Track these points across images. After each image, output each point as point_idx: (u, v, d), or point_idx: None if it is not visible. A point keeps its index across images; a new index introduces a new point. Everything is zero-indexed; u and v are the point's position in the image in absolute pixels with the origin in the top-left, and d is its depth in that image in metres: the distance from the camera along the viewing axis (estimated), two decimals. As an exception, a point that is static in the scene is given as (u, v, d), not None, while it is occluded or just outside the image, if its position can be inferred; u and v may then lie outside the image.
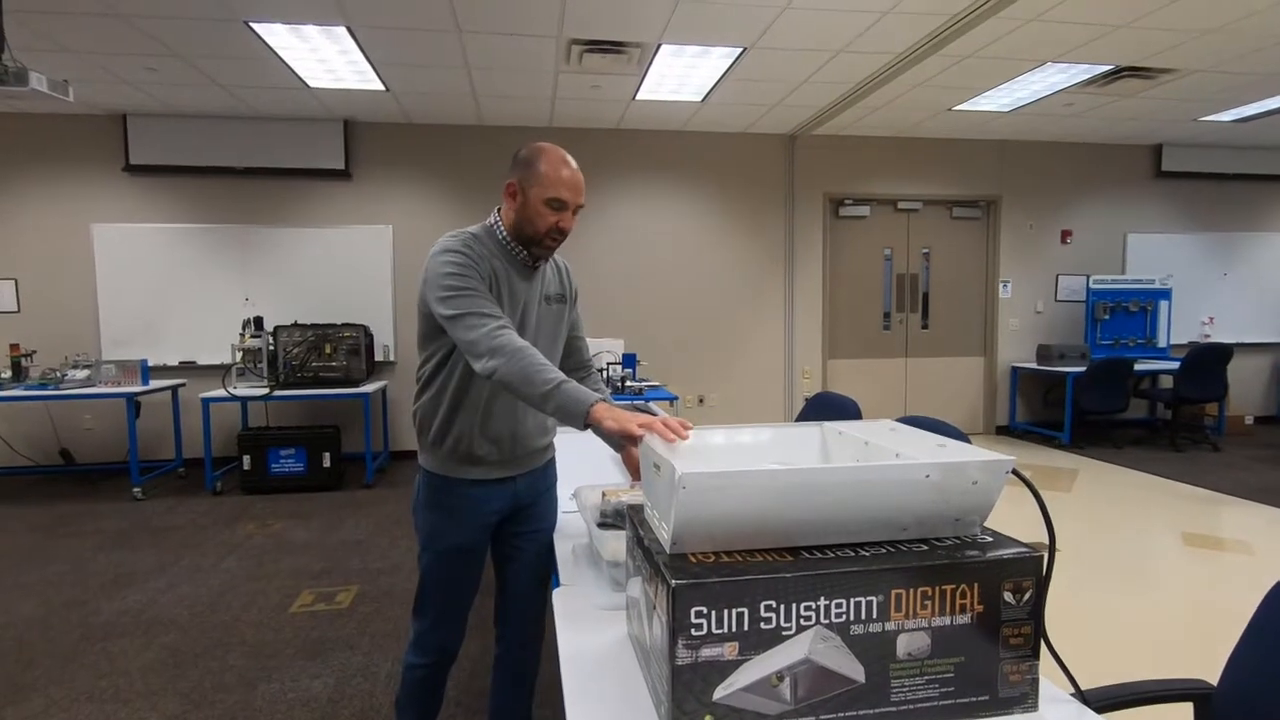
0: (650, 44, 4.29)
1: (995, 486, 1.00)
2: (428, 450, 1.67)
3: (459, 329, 1.48)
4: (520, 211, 1.59)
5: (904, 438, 1.14)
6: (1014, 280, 6.94)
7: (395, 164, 5.99)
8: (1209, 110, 5.83)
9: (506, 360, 1.41)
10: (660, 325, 6.35)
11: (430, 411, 1.65)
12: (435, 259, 1.56)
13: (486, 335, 1.44)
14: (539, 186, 1.56)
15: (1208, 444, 6.29)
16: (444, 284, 1.51)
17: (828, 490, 0.96)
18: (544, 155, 1.57)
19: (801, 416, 2.90)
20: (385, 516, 4.49)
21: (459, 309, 1.49)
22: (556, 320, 1.77)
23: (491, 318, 1.48)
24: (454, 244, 1.57)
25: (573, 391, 1.38)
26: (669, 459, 0.96)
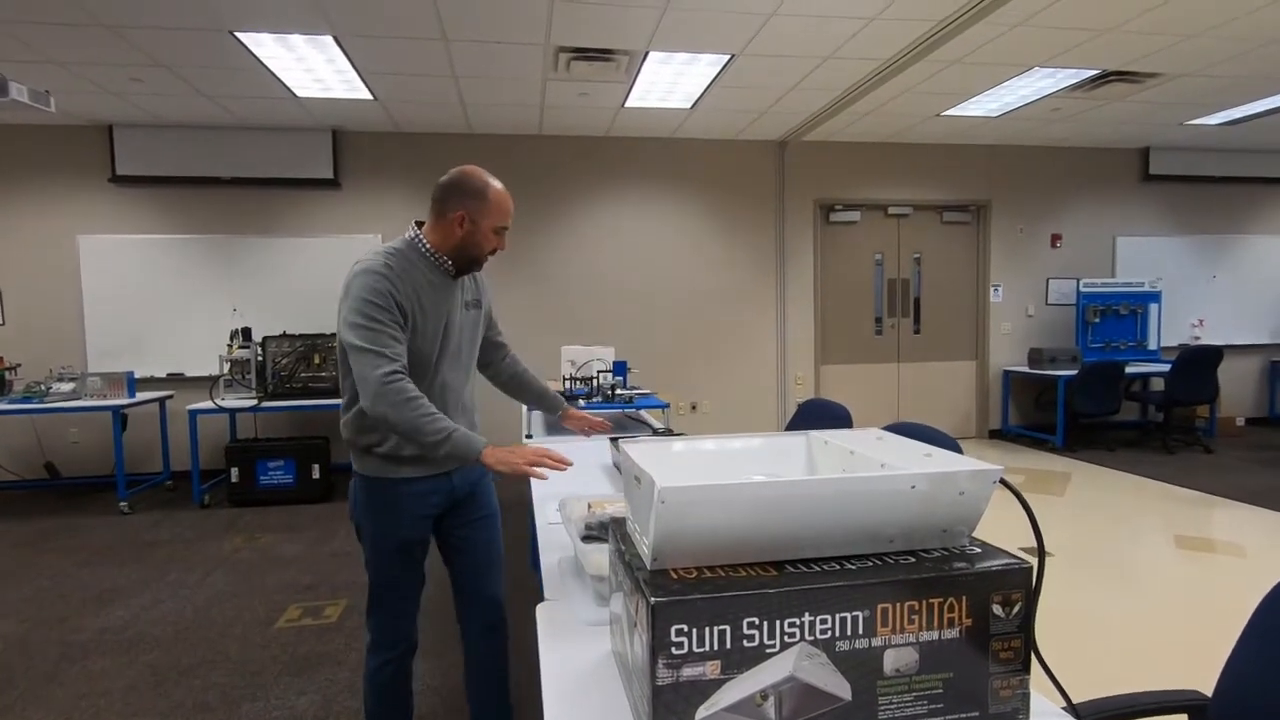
0: (638, 51, 4.28)
1: (983, 496, 0.98)
2: (361, 458, 1.74)
3: (359, 361, 1.57)
4: (469, 238, 1.71)
5: (890, 447, 1.12)
6: (1005, 284, 6.96)
7: (384, 173, 5.97)
8: (1196, 114, 5.86)
9: (395, 410, 1.54)
10: (652, 333, 6.33)
11: (361, 422, 1.68)
12: (356, 280, 1.62)
13: (381, 378, 1.55)
14: (490, 217, 1.72)
15: (1200, 446, 6.30)
16: (358, 309, 1.58)
17: (812, 503, 0.94)
18: (490, 187, 1.72)
19: (792, 423, 2.88)
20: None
21: (364, 341, 1.57)
22: (475, 325, 1.89)
23: (389, 360, 1.57)
24: (376, 264, 1.63)
25: (461, 441, 1.57)
26: (648, 472, 0.94)
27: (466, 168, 1.73)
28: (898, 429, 2.20)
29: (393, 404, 1.54)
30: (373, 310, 1.58)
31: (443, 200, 1.71)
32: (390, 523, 1.74)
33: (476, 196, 1.69)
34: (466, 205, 1.69)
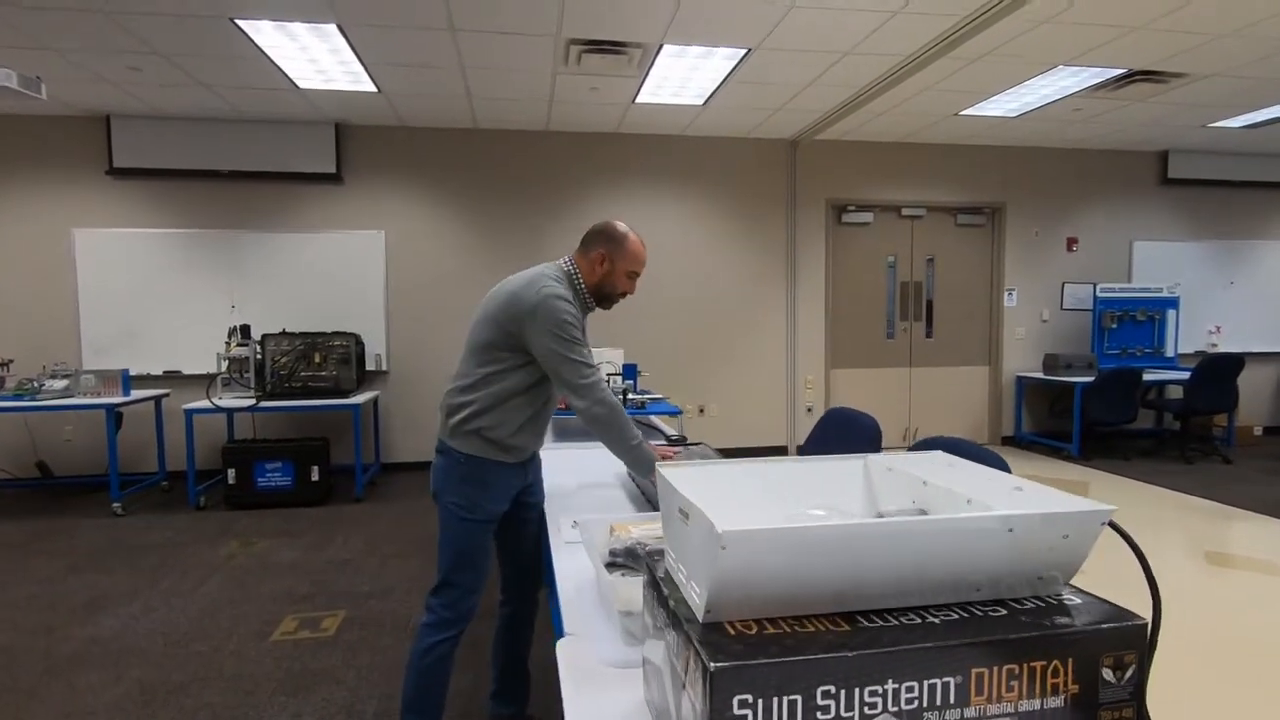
0: (652, 45, 4.15)
1: (1089, 540, 0.85)
2: (467, 437, 1.90)
3: (571, 371, 1.83)
4: (606, 277, 1.97)
5: (966, 475, 0.99)
6: (1019, 288, 6.82)
7: (388, 168, 5.83)
8: (1218, 116, 5.73)
9: (609, 411, 1.85)
10: (659, 334, 6.20)
11: (482, 407, 1.89)
12: (552, 302, 1.83)
13: (596, 385, 1.85)
14: (625, 261, 1.97)
15: (1218, 456, 6.16)
16: (564, 329, 1.82)
17: (896, 547, 0.80)
18: (629, 238, 1.98)
19: (815, 433, 2.74)
20: (376, 534, 4.31)
21: (576, 355, 1.84)
22: None
23: (595, 369, 1.86)
24: (564, 291, 1.87)
25: (647, 451, 1.89)
26: (702, 510, 0.81)
27: (610, 220, 2.03)
28: (935, 444, 2.07)
29: (610, 407, 1.83)
30: (575, 331, 1.84)
31: (589, 242, 1.97)
32: (485, 497, 1.92)
33: (616, 241, 1.95)
34: (606, 247, 1.94)
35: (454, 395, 1.93)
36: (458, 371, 1.95)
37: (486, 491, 1.92)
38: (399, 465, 5.92)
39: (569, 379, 1.83)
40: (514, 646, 2.20)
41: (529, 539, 2.11)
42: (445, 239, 5.92)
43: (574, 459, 2.64)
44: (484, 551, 1.96)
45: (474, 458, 1.90)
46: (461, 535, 1.92)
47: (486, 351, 1.89)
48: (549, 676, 2.51)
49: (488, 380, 1.89)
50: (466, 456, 1.90)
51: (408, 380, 5.90)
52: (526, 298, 1.83)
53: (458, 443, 1.90)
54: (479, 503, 1.91)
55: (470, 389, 1.90)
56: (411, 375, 5.90)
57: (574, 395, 1.84)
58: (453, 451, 1.91)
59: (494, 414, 1.88)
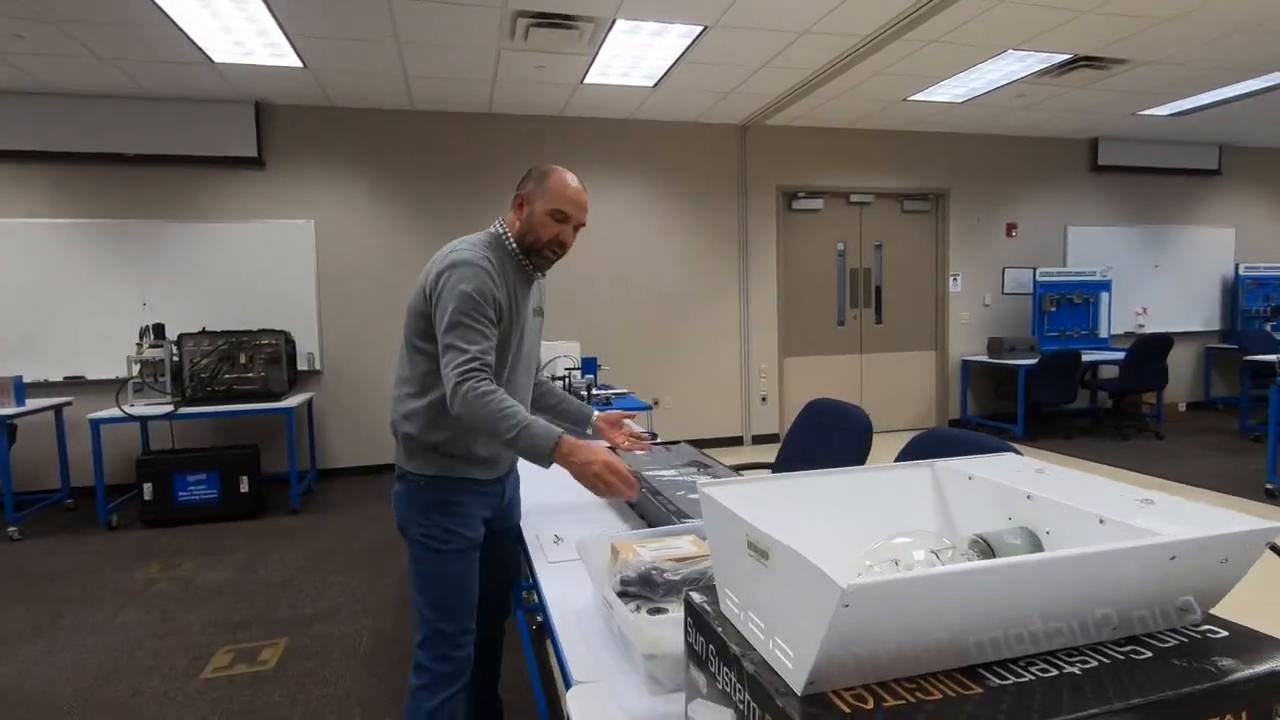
0: (605, 18, 3.92)
1: (1246, 564, 0.71)
2: (425, 455, 1.63)
3: (448, 356, 1.52)
4: (526, 221, 1.65)
5: (1073, 486, 0.83)
6: (963, 273, 6.93)
7: (316, 151, 5.41)
8: (1149, 104, 5.91)
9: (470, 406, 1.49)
10: (610, 324, 5.99)
11: (434, 415, 1.60)
12: (456, 271, 1.55)
13: (463, 373, 1.50)
14: (545, 199, 1.63)
15: (1150, 432, 6.42)
16: (462, 302, 1.53)
17: (1040, 589, 0.64)
18: (554, 172, 1.66)
19: (797, 425, 2.61)
20: (316, 548, 3.97)
21: (459, 337, 1.52)
22: (538, 333, 1.84)
23: (475, 357, 1.51)
24: (475, 256, 1.58)
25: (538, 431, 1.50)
26: (799, 552, 0.62)
27: (543, 164, 1.71)
28: (937, 436, 1.96)
29: (469, 400, 1.48)
30: (470, 306, 1.53)
31: (518, 189, 1.69)
32: (459, 523, 1.64)
33: (537, 179, 1.65)
34: (527, 186, 1.66)
35: (399, 405, 1.64)
36: (398, 374, 1.66)
37: (460, 516, 1.63)
38: (337, 471, 5.54)
39: (444, 366, 1.51)
40: (485, 678, 1.96)
41: (504, 566, 1.86)
42: (381, 228, 5.54)
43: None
44: (469, 584, 1.65)
45: (437, 479, 1.62)
46: (440, 573, 1.62)
47: (423, 342, 1.60)
48: (522, 700, 2.30)
49: (433, 379, 1.58)
50: (428, 479, 1.62)
51: (344, 380, 5.52)
52: (434, 268, 1.57)
53: (416, 464, 1.62)
54: (453, 530, 1.62)
55: (415, 395, 1.61)
56: (348, 374, 5.51)
57: (447, 389, 1.50)
58: (411, 476, 1.63)
59: (450, 421, 1.57)
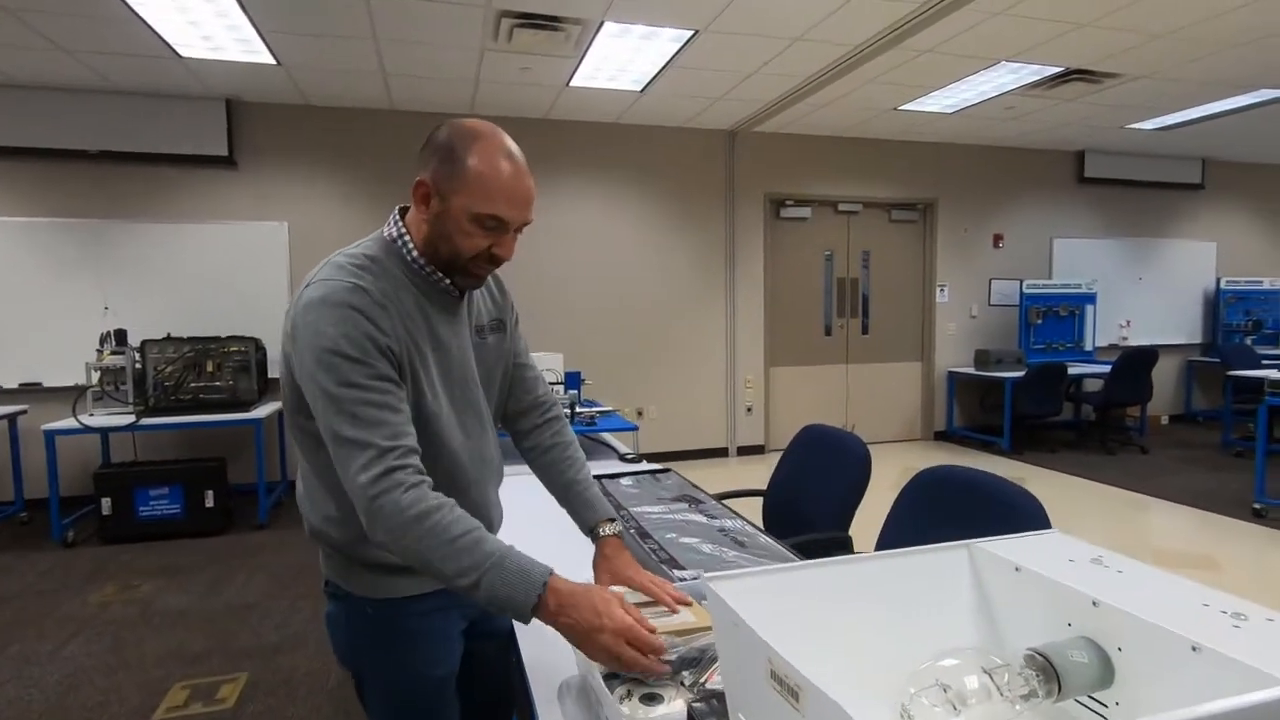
0: (592, 21, 3.79)
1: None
2: (367, 572, 1.14)
3: (336, 456, 1.00)
4: (436, 224, 1.08)
5: (1140, 585, 0.72)
6: (950, 284, 6.88)
7: (290, 151, 5.21)
8: (1136, 118, 5.90)
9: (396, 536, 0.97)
10: (593, 333, 5.86)
11: (346, 515, 1.07)
12: (309, 313, 1.01)
13: (370, 485, 0.96)
14: (466, 193, 1.05)
15: (1135, 446, 6.41)
16: (324, 369, 0.98)
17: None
18: (476, 145, 1.05)
19: (789, 453, 2.50)
20: (284, 567, 3.80)
21: (342, 424, 0.98)
22: (495, 356, 1.29)
23: (381, 451, 0.98)
24: (339, 286, 1.02)
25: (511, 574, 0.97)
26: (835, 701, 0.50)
27: (456, 120, 1.10)
28: (944, 475, 1.85)
29: (389, 528, 0.97)
30: (342, 370, 0.98)
31: (417, 164, 1.09)
32: (428, 658, 1.18)
33: (447, 156, 1.05)
34: (433, 166, 1.06)
35: (312, 505, 1.15)
36: (301, 460, 1.16)
37: (421, 650, 1.18)
38: (309, 482, 5.35)
39: (338, 466, 0.99)
40: None
41: (490, 683, 1.38)
42: (357, 231, 5.25)
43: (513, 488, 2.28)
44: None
45: (389, 603, 1.15)
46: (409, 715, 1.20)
47: (296, 415, 1.09)
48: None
49: (320, 467, 1.08)
50: (377, 604, 1.15)
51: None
52: (289, 313, 1.06)
53: (357, 584, 1.15)
54: (423, 673, 1.18)
55: (329, 493, 1.10)
56: (322, 382, 5.31)
57: (353, 502, 0.99)
58: (347, 596, 1.16)
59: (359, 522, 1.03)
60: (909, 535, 1.73)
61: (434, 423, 1.12)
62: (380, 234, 1.16)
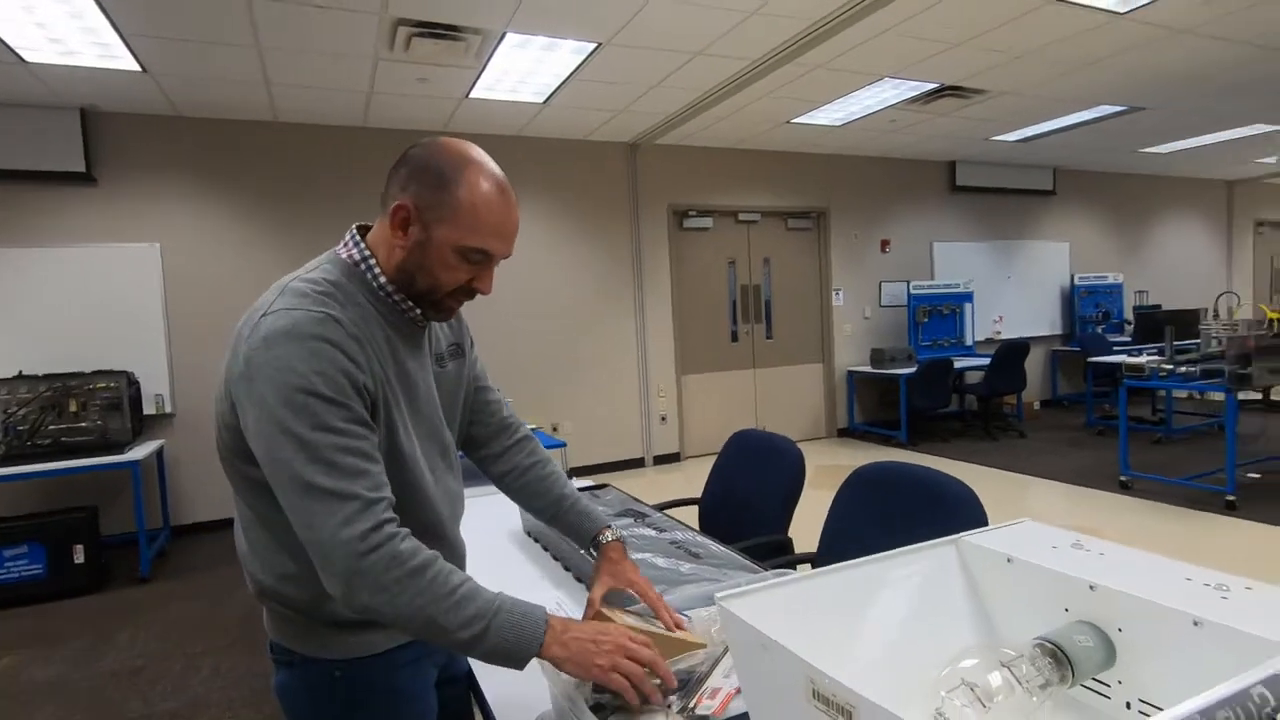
0: (494, 31, 3.71)
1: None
2: (320, 629, 1.02)
3: (307, 510, 0.87)
4: (415, 254, 0.99)
5: (1126, 567, 0.75)
6: (845, 288, 7.23)
7: (160, 167, 4.78)
8: (1000, 130, 6.44)
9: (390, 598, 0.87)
10: (504, 350, 5.72)
11: (302, 572, 0.97)
12: (279, 348, 0.89)
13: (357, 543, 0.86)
14: (452, 224, 0.97)
15: (1014, 431, 6.96)
16: (294, 411, 0.87)
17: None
18: (467, 172, 0.97)
19: (723, 458, 2.51)
20: (176, 623, 3.44)
21: (316, 474, 0.87)
22: (455, 383, 1.21)
23: (366, 504, 0.88)
24: (308, 323, 0.90)
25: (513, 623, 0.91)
26: (888, 710, 0.49)
27: (443, 139, 1.00)
28: (883, 469, 1.92)
29: (382, 586, 0.87)
30: (321, 411, 0.88)
31: (391, 182, 0.99)
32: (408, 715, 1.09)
33: (436, 182, 0.96)
34: (416, 191, 0.96)
35: (258, 562, 1.02)
36: (239, 512, 1.05)
37: (408, 705, 1.09)
38: (196, 527, 4.89)
39: (303, 523, 0.88)
40: None
41: None
42: (242, 252, 4.97)
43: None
44: None
45: (356, 662, 1.03)
46: None
47: (239, 462, 0.98)
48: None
49: (272, 520, 0.96)
50: (345, 666, 1.03)
51: (202, 422, 4.88)
52: (238, 346, 0.93)
53: (317, 645, 1.03)
54: None
55: (271, 547, 1.00)
56: (205, 415, 4.85)
57: (319, 563, 0.88)
58: (305, 661, 1.03)
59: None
60: (855, 532, 1.78)
61: (409, 465, 1.03)
62: (336, 256, 1.04)
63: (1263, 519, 4.07)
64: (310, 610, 1.01)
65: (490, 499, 2.42)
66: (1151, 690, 0.67)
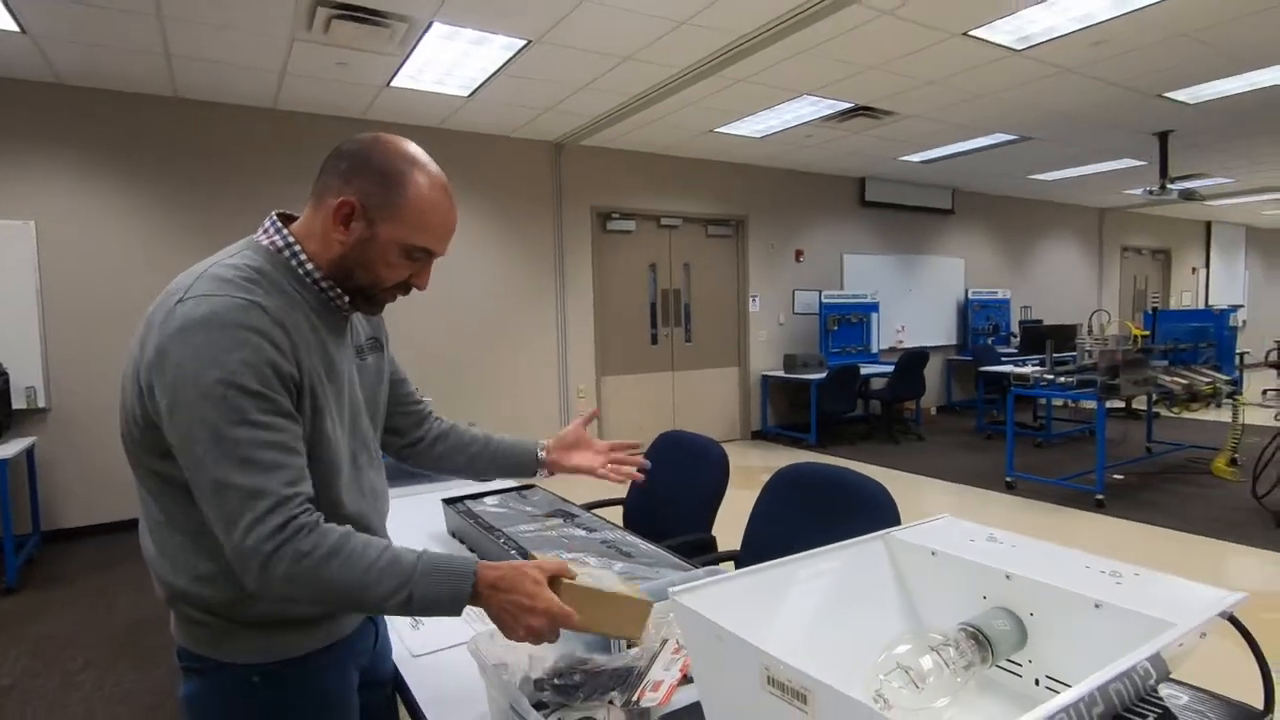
0: (421, 20, 3.62)
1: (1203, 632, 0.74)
2: (238, 632, 0.98)
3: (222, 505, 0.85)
4: (357, 250, 0.99)
5: (1036, 558, 0.83)
6: (760, 295, 7.46)
7: (40, 138, 4.36)
8: (906, 151, 6.83)
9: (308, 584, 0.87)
10: (422, 346, 5.56)
11: (214, 572, 0.94)
12: (199, 337, 0.86)
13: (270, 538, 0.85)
14: (399, 222, 0.98)
15: (914, 435, 7.39)
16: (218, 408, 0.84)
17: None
18: (415, 172, 0.98)
19: (651, 457, 2.54)
20: (49, 637, 3.15)
21: (230, 474, 0.85)
22: (375, 378, 1.19)
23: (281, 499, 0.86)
24: (231, 310, 0.88)
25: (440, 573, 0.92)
26: (856, 700, 0.53)
27: (385, 136, 1.00)
28: (804, 471, 2.00)
29: (295, 578, 0.86)
30: (243, 404, 0.86)
31: (330, 174, 0.98)
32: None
33: (382, 181, 0.96)
34: (362, 187, 0.96)
35: (168, 564, 0.97)
36: (145, 512, 0.99)
37: (333, 710, 1.06)
38: (73, 532, 4.49)
39: (218, 517, 0.86)
40: None
41: None
42: (128, 234, 4.60)
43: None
44: None
45: (276, 666, 1.00)
46: None
47: (148, 458, 0.93)
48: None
49: (185, 520, 0.93)
50: (265, 671, 0.99)
51: (78, 419, 4.48)
52: (149, 335, 0.90)
53: (236, 649, 0.98)
54: None
55: (184, 548, 0.95)
56: (84, 412, 4.49)
57: (233, 559, 0.86)
58: (220, 668, 0.98)
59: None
60: (779, 530, 1.85)
61: (336, 451, 1.01)
62: (255, 242, 1.01)
63: (1126, 515, 4.51)
64: (228, 612, 0.97)
65: (413, 498, 2.39)
66: (1056, 667, 0.74)
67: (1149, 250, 12.10)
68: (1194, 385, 5.07)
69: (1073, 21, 3.85)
